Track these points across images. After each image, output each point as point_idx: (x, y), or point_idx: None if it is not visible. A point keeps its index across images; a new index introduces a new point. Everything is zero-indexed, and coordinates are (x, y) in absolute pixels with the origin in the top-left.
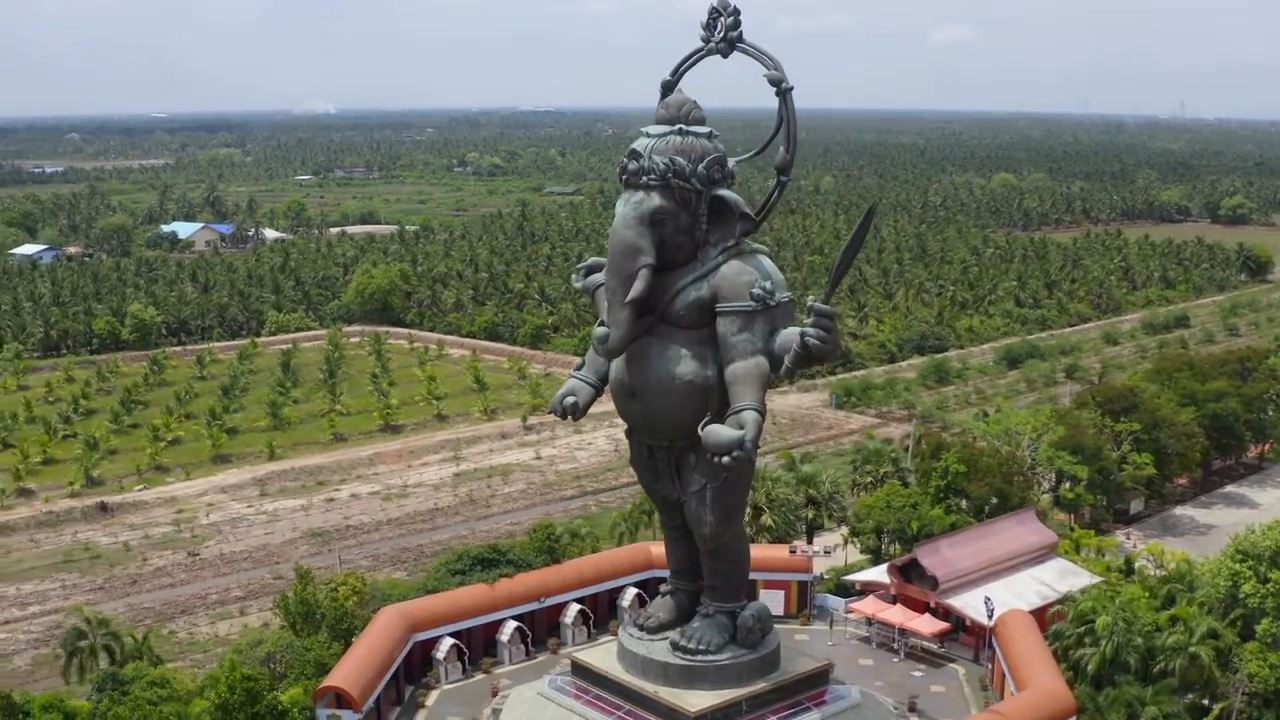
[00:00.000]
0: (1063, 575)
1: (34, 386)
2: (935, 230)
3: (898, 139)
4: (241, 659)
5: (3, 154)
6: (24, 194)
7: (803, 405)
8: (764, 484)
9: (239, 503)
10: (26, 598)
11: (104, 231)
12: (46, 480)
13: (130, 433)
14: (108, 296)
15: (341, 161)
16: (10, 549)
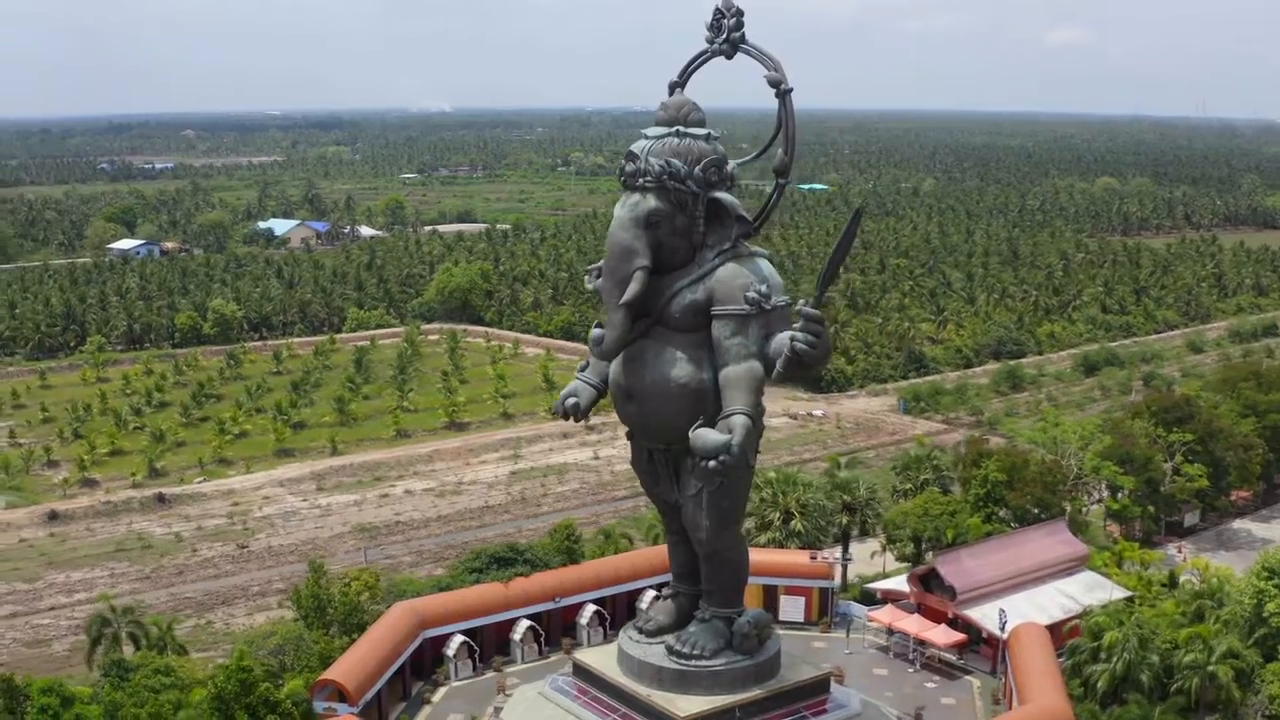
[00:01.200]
0: (1090, 589)
1: (113, 379)
2: (1029, 234)
3: (1007, 141)
4: (251, 650)
5: (118, 150)
6: (128, 189)
7: (870, 410)
8: (795, 489)
9: (294, 496)
10: (74, 585)
11: (202, 227)
12: (112, 471)
13: (199, 426)
14: (194, 292)
15: (447, 160)
16: (66, 537)
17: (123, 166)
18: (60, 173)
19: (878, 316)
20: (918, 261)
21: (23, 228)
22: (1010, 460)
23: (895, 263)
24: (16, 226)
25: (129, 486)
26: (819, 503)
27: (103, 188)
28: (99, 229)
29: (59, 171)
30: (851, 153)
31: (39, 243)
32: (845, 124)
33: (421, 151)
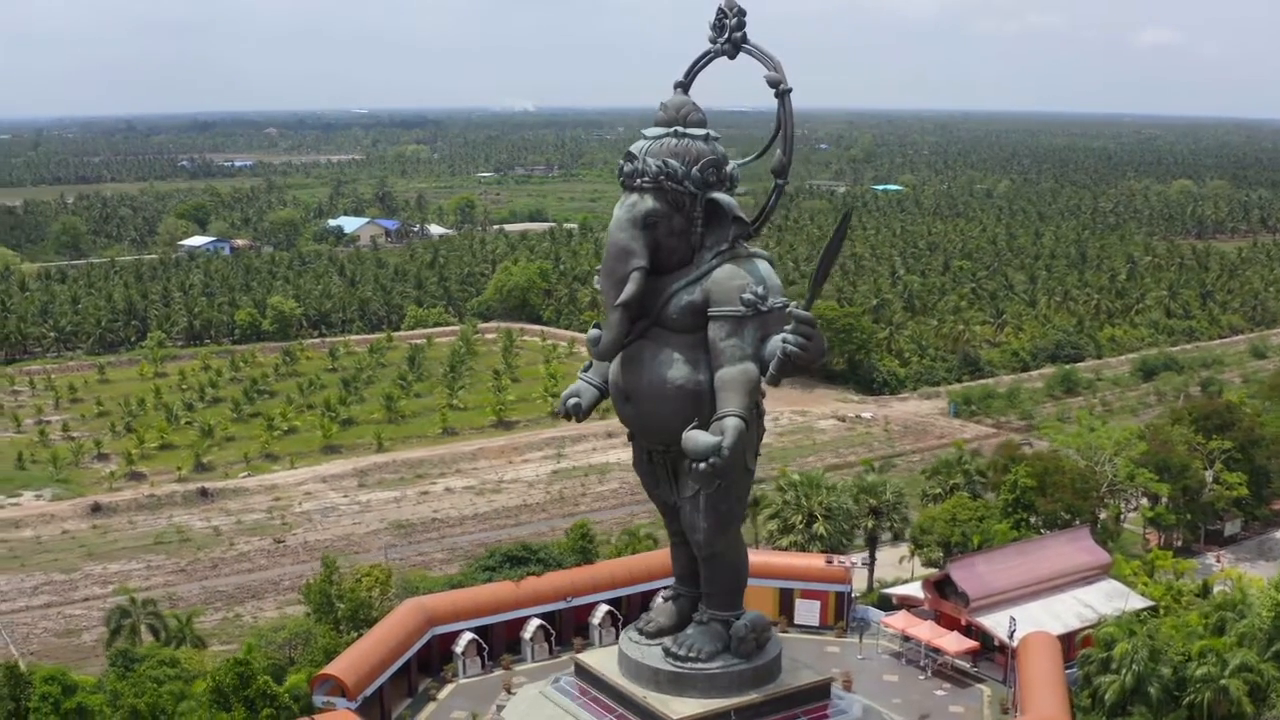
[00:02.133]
0: (1110, 598)
1: (170, 374)
2: (1099, 237)
3: (1089, 143)
4: (260, 643)
5: (201, 147)
6: (204, 186)
7: (920, 412)
8: (819, 492)
9: (336, 493)
10: (110, 577)
11: (273, 225)
12: (159, 465)
13: (249, 422)
14: (256, 289)
15: (523, 159)
16: (108, 529)
17: (202, 164)
18: (141, 170)
19: (933, 319)
20: (981, 263)
21: (97, 224)
22: (1042, 465)
23: (958, 264)
24: (91, 223)
25: (174, 480)
26: (843, 506)
27: (180, 185)
28: (171, 226)
29: (140, 168)
30: (931, 154)
31: (112, 239)
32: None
33: (499, 151)
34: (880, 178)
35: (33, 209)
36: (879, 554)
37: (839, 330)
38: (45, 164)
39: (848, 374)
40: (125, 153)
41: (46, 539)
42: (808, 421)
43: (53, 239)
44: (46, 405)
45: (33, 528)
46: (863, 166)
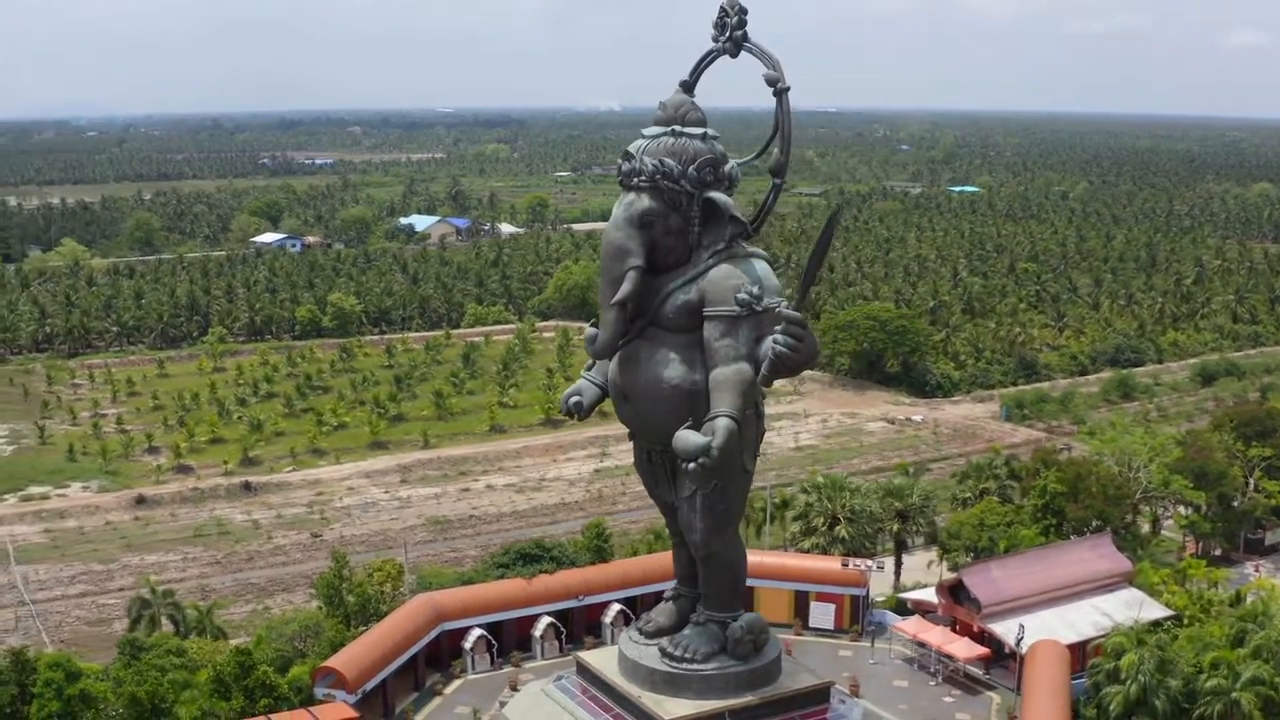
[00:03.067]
0: (1129, 606)
1: (228, 369)
2: (1171, 240)
3: (1172, 146)
4: (269, 635)
5: (285, 145)
6: (280, 184)
7: (971, 416)
8: (842, 494)
9: (378, 488)
10: (147, 568)
11: (344, 223)
12: (208, 459)
13: (301, 417)
14: (319, 286)
15: (602, 159)
16: (150, 521)
17: (283, 162)
18: (222, 167)
19: (991, 321)
20: (1047, 266)
21: (171, 220)
22: (1074, 471)
23: (1023, 266)
24: (165, 219)
25: (220, 474)
26: (867, 509)
27: (260, 182)
28: (243, 223)
29: (221, 166)
30: (1012, 156)
31: (186, 235)
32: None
33: (578, 150)
34: (957, 179)
35: (110, 205)
36: (908, 558)
37: (892, 332)
38: (128, 161)
39: (901, 376)
40: (209, 150)
41: (89, 530)
42: (856, 424)
43: (126, 235)
44: (104, 399)
45: (77, 518)
46: (941, 168)
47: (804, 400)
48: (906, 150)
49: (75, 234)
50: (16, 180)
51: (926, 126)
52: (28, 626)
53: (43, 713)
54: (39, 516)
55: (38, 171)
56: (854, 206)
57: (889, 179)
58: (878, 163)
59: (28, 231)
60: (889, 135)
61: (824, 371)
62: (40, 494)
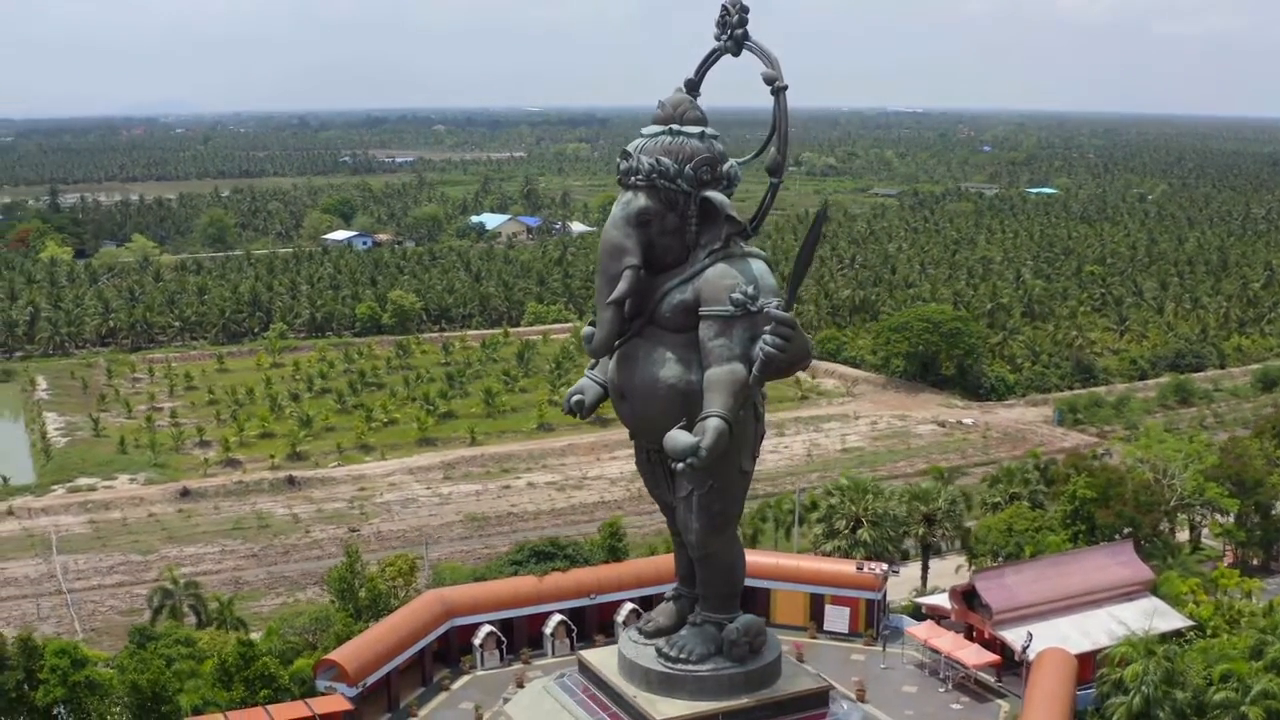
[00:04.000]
0: (1147, 616)
1: (286, 365)
2: (1244, 243)
3: (1259, 148)
4: (280, 628)
5: (368, 143)
6: (357, 182)
7: (1023, 420)
8: (865, 498)
9: (420, 484)
10: (184, 559)
11: (416, 220)
12: (256, 453)
13: (352, 413)
14: (382, 283)
15: None
16: (193, 514)
17: (364, 160)
18: (304, 165)
19: (1050, 324)
20: (1115, 269)
21: (245, 217)
22: (1105, 477)
23: (1089, 269)
24: (239, 216)
25: (267, 468)
26: (891, 513)
27: (336, 180)
28: (315, 220)
29: (303, 164)
30: (1095, 157)
31: (259, 232)
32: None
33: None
34: (1036, 180)
35: (186, 201)
36: (940, 562)
37: (946, 334)
38: (212, 158)
39: (955, 379)
40: (292, 148)
41: (132, 521)
42: (906, 426)
43: (200, 231)
44: (160, 393)
45: (121, 510)
46: (1020, 169)
47: (856, 402)
48: (988, 151)
49: (150, 230)
50: (101, 176)
51: (1011, 128)
52: (62, 615)
53: (47, 698)
54: (84, 507)
55: (121, 168)
56: (926, 207)
57: (966, 180)
58: (956, 163)
59: (103, 227)
60: (973, 136)
61: (878, 373)
62: (88, 485)
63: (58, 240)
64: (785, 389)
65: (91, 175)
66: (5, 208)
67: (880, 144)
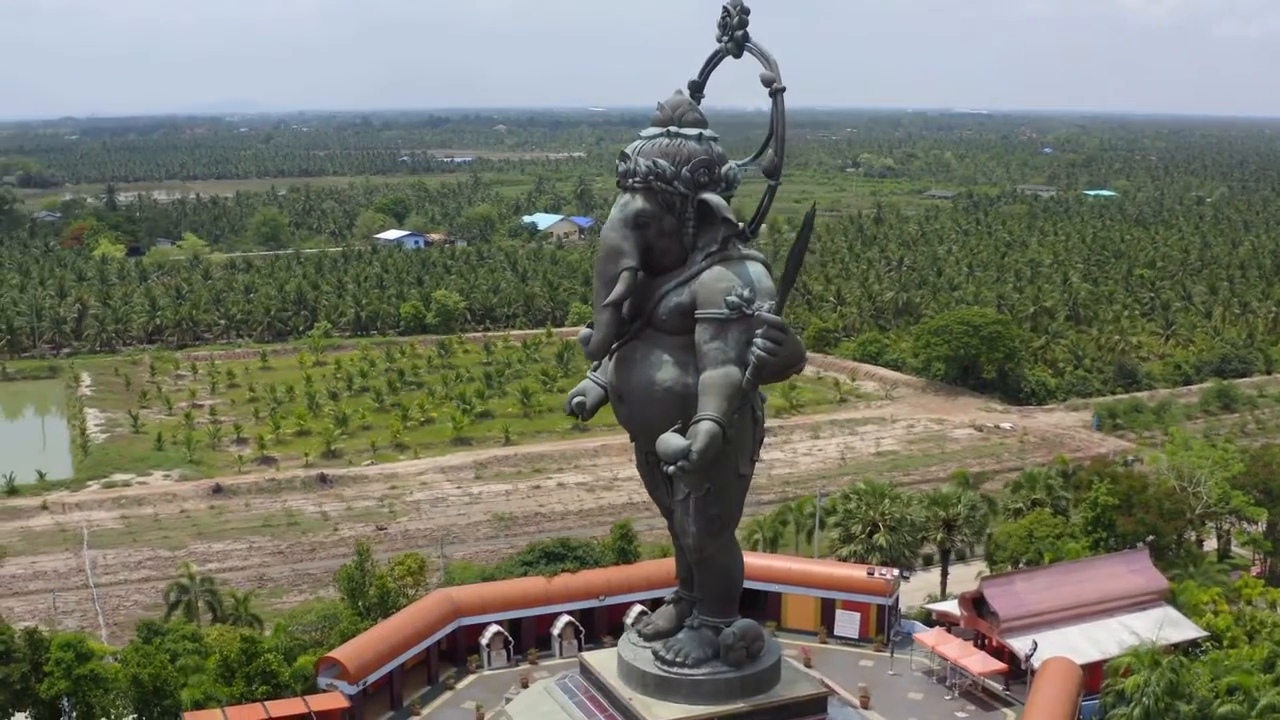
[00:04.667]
0: (1160, 626)
1: (328, 364)
2: None
3: None
4: (288, 624)
5: (430, 143)
6: (411, 181)
7: (1062, 425)
8: (882, 502)
9: (451, 484)
10: (211, 555)
11: (468, 220)
12: (292, 451)
13: (390, 412)
14: (428, 282)
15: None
16: (223, 510)
17: (422, 159)
18: (363, 164)
19: (1094, 328)
20: (1165, 272)
21: (299, 216)
22: (1128, 484)
23: (1139, 272)
24: (294, 215)
25: (300, 466)
26: (910, 518)
27: (393, 179)
28: (368, 219)
29: (362, 163)
30: (1157, 159)
31: (312, 231)
32: (1162, 130)
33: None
34: (1094, 183)
35: (242, 200)
36: (963, 568)
37: (986, 338)
38: (272, 157)
39: (996, 383)
40: (353, 147)
41: (164, 517)
42: (943, 430)
43: (253, 230)
44: (202, 390)
45: (154, 506)
46: (1079, 171)
47: (894, 405)
48: (1048, 153)
49: (204, 228)
50: (161, 175)
51: (1074, 130)
52: (86, 609)
53: (51, 690)
54: (118, 503)
55: (181, 166)
56: (981, 209)
57: (1024, 182)
58: (1015, 165)
59: (158, 225)
60: (1034, 138)
61: (919, 376)
62: (123, 481)
63: (111, 238)
64: (824, 391)
65: (152, 174)
66: (64, 205)
67: (940, 145)
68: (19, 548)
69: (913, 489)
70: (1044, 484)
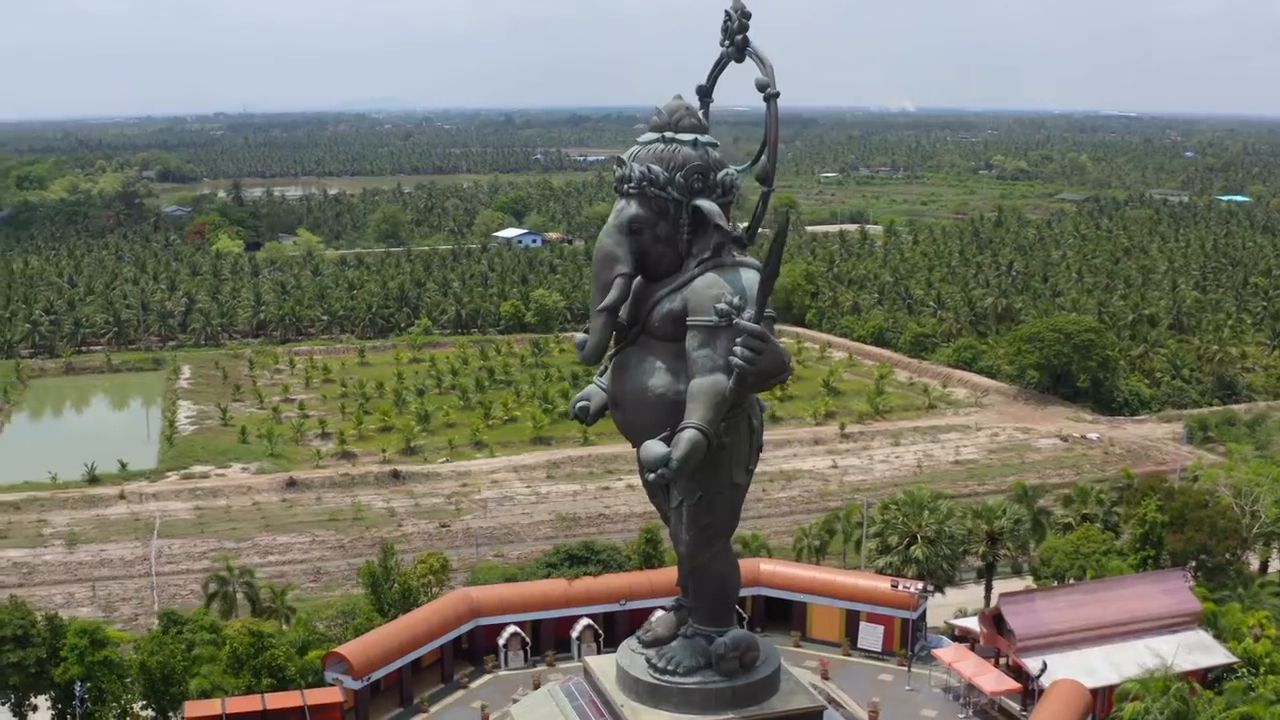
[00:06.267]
0: (1188, 650)
1: (424, 361)
2: None
3: None
4: (310, 618)
5: (565, 142)
6: (537, 180)
7: (1151, 436)
8: (920, 514)
9: (521, 483)
10: (274, 547)
11: (587, 219)
12: (373, 446)
13: (475, 409)
14: (532, 281)
15: (871, 160)
16: (294, 504)
17: (555, 158)
18: (497, 162)
19: (1195, 337)
20: None
21: (420, 214)
22: (1181, 501)
23: (1254, 281)
24: (415, 213)
25: (378, 462)
26: (948, 530)
27: (525, 178)
28: (487, 218)
29: (497, 161)
30: None
31: (433, 228)
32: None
33: (849, 151)
34: (1230, 187)
35: (368, 197)
36: (1006, 583)
37: (1078, 346)
38: (409, 154)
39: (1089, 392)
40: (491, 145)
41: (235, 509)
42: (1027, 439)
43: (373, 227)
44: (296, 384)
45: (227, 498)
46: (1216, 175)
47: (982, 413)
48: (1189, 157)
49: (326, 225)
50: (297, 171)
51: (1220, 133)
52: (144, 596)
53: (65, 675)
54: (193, 494)
55: (318, 163)
56: (1105, 213)
57: (1158, 186)
58: (1152, 169)
59: (281, 221)
60: (1178, 141)
61: (1012, 384)
62: (201, 473)
63: (231, 233)
64: (914, 397)
65: (289, 170)
66: (195, 200)
67: (1078, 148)
68: (91, 535)
69: (975, 500)
70: (1095, 498)
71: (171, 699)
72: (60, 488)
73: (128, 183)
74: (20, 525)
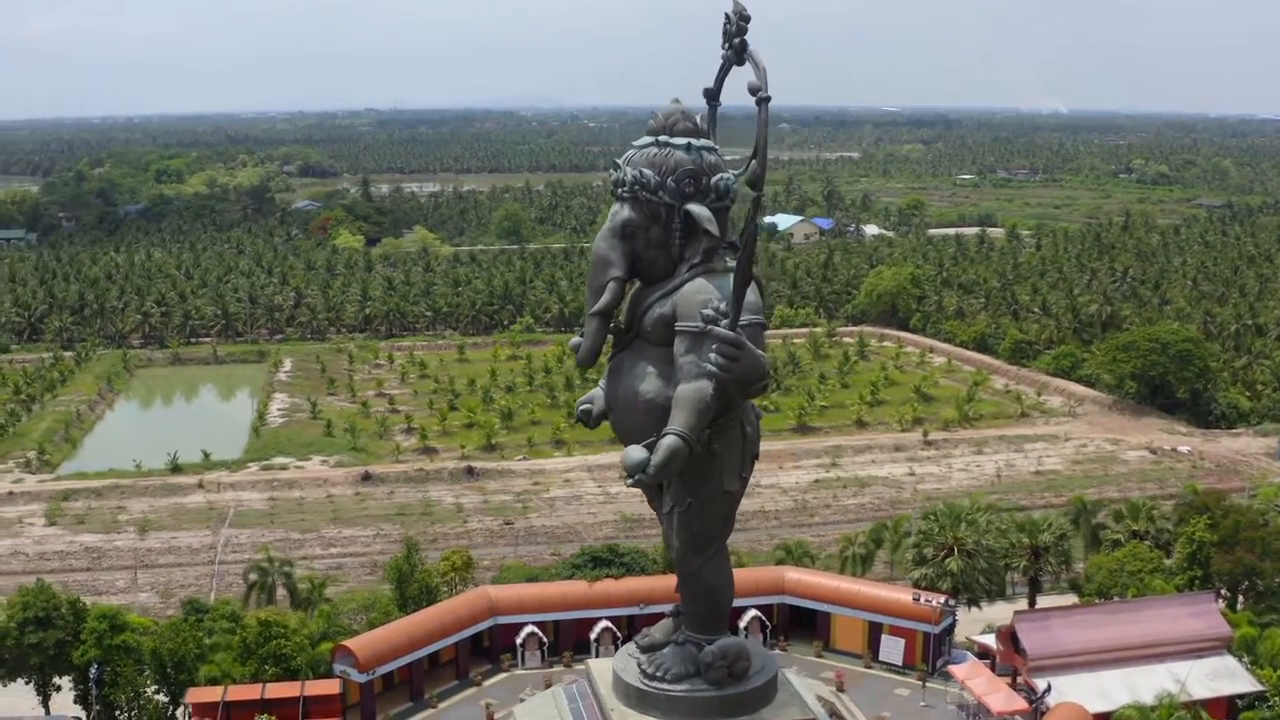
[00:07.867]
0: (1214, 677)
1: (522, 358)
2: None
3: None
4: (333, 611)
5: None
6: None
7: (1245, 451)
8: (958, 526)
9: (594, 482)
10: (337, 540)
11: None
12: (454, 442)
13: (562, 407)
14: None
15: (1010, 162)
16: (366, 497)
17: None
18: None
19: None
20: None
21: (545, 212)
22: (1234, 519)
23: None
24: (540, 210)
25: (456, 458)
26: (987, 545)
27: None
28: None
29: None
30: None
31: (556, 226)
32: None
33: (990, 152)
34: None
35: (495, 194)
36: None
37: (1175, 356)
38: (548, 152)
39: (1187, 403)
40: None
41: (308, 501)
42: (1115, 451)
43: (495, 224)
44: (391, 379)
45: (302, 489)
46: None
47: (1073, 422)
48: None
49: (450, 222)
50: (437, 167)
51: None
52: (203, 584)
53: (83, 658)
54: (271, 485)
55: (456, 160)
56: (1238, 220)
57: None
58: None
59: (407, 217)
60: None
61: (1110, 393)
62: (280, 464)
63: (352, 229)
64: (1007, 405)
65: (428, 166)
66: (327, 196)
67: (1224, 152)
68: (165, 523)
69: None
70: (1146, 514)
71: (181, 685)
72: (143, 475)
73: (266, 178)
74: (99, 511)
